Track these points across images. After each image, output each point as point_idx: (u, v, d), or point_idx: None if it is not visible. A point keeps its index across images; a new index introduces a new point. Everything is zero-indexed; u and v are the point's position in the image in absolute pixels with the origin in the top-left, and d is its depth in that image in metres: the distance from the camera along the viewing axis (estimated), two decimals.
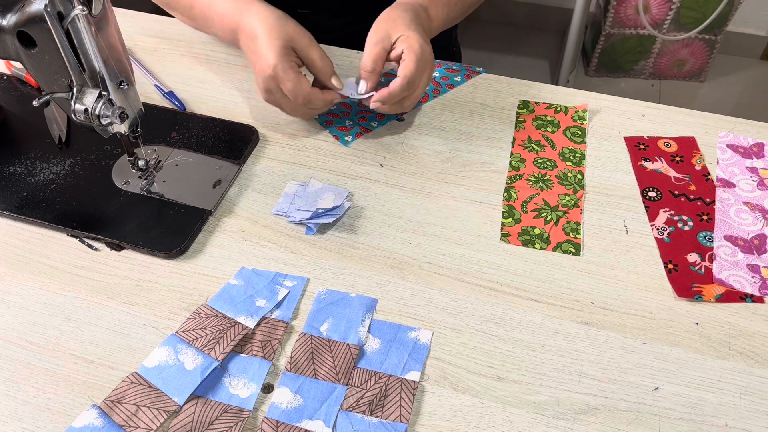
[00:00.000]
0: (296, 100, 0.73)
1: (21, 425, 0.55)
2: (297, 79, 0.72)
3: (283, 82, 0.71)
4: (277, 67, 0.71)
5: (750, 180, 0.73)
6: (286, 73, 0.71)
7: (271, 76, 0.71)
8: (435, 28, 0.81)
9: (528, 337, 0.60)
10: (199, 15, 0.81)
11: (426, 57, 0.73)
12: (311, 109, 0.76)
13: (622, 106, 0.82)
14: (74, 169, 0.73)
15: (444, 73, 0.86)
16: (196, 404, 0.55)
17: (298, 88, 0.72)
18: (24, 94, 0.83)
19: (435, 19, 0.80)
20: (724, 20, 1.94)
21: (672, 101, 2.05)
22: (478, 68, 0.87)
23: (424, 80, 0.74)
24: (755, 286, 0.64)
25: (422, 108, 0.82)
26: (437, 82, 0.85)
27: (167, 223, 0.68)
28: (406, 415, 0.55)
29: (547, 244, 0.67)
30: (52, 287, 0.64)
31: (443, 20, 0.82)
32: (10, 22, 0.57)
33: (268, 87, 0.72)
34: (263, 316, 0.61)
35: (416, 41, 0.72)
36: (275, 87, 0.72)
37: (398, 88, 0.72)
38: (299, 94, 0.72)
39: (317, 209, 0.68)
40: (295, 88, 0.72)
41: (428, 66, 0.74)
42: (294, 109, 0.75)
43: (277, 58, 0.71)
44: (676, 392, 0.57)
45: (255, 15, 0.74)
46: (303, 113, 0.77)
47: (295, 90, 0.72)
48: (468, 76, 0.86)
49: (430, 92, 0.83)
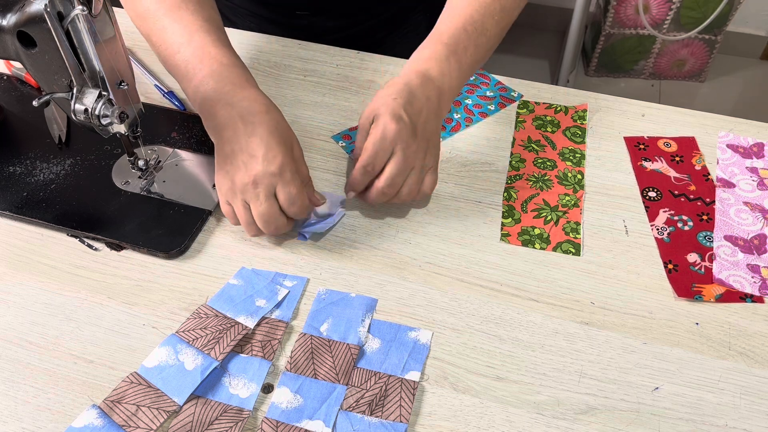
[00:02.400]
0: (291, 207, 0.63)
1: (21, 425, 0.55)
2: (300, 185, 0.63)
3: (288, 184, 0.62)
4: (285, 166, 0.62)
5: (750, 180, 0.73)
6: (293, 176, 0.62)
7: (273, 174, 0.61)
8: (455, 77, 0.69)
9: (528, 337, 0.60)
10: (169, 61, 0.70)
11: (389, 136, 0.63)
12: (280, 226, 0.65)
13: (622, 106, 0.82)
14: (74, 169, 0.73)
15: (477, 101, 0.82)
16: (196, 404, 0.55)
17: (300, 194, 0.63)
18: (24, 94, 0.83)
19: (453, 70, 0.69)
20: (724, 20, 1.94)
21: (672, 101, 2.05)
22: (513, 93, 0.83)
23: (397, 160, 0.64)
24: (755, 286, 0.64)
25: None
26: (470, 110, 0.81)
27: (167, 223, 0.68)
28: (406, 415, 0.55)
29: (547, 244, 0.67)
30: (52, 287, 0.64)
31: (471, 62, 0.70)
32: (10, 22, 0.57)
33: (260, 182, 0.61)
34: (263, 316, 0.61)
35: (381, 121, 0.63)
36: (268, 185, 0.62)
37: (356, 174, 0.65)
38: (296, 203, 0.63)
39: (312, 217, 0.67)
40: (298, 194, 0.63)
41: (397, 143, 0.64)
42: (271, 216, 0.63)
43: (286, 157, 0.62)
44: (676, 392, 0.57)
45: (251, 99, 0.64)
46: (276, 227, 0.64)
47: (296, 196, 0.63)
48: (502, 105, 0.82)
49: (462, 121, 0.80)
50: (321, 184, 0.73)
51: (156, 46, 0.71)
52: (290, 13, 0.95)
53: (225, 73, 0.66)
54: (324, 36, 0.95)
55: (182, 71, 0.68)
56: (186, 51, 0.68)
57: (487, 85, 0.84)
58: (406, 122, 0.64)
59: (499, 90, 0.83)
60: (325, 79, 0.85)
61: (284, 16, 0.96)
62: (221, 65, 0.67)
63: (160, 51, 0.71)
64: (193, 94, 0.67)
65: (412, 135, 0.65)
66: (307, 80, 0.85)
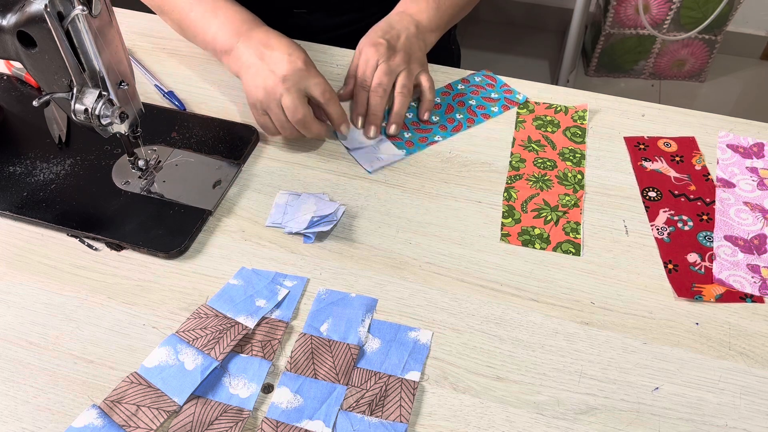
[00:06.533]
0: (324, 95, 0.71)
1: (21, 425, 0.55)
2: (326, 81, 0.72)
3: (316, 76, 0.71)
4: (309, 63, 0.71)
5: (750, 180, 0.73)
6: (317, 71, 0.71)
7: (301, 69, 0.70)
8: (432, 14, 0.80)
9: (528, 337, 0.60)
10: (188, 24, 0.79)
11: (371, 55, 0.74)
12: (311, 125, 0.72)
13: (622, 106, 0.82)
14: (74, 169, 0.74)
15: (481, 102, 0.81)
16: (196, 404, 0.55)
17: (329, 88, 0.72)
18: (24, 94, 0.83)
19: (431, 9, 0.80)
20: (724, 20, 1.94)
21: (672, 101, 2.05)
22: (519, 95, 0.82)
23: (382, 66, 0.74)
24: (755, 286, 0.64)
25: None
26: (473, 111, 0.80)
27: (167, 223, 0.68)
28: (406, 415, 0.55)
29: (547, 244, 0.67)
30: (52, 287, 0.64)
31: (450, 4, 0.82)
32: (10, 22, 0.57)
33: (290, 78, 0.69)
34: (263, 316, 0.61)
35: (363, 50, 0.75)
36: (298, 80, 0.70)
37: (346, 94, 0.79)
38: (328, 89, 0.71)
39: (313, 217, 0.68)
40: (326, 83, 0.71)
41: (379, 59, 0.74)
42: (305, 115, 0.71)
43: (307, 56, 0.71)
44: (676, 392, 0.57)
45: (263, 32, 0.74)
46: (317, 128, 0.73)
47: (326, 84, 0.71)
48: (506, 107, 0.81)
49: (465, 121, 0.79)
50: (321, 184, 0.73)
51: (168, 13, 0.80)
52: (287, 11, 0.95)
53: (239, 18, 0.76)
54: (321, 35, 0.95)
55: (198, 26, 0.77)
56: (198, 9, 0.77)
57: (492, 86, 0.84)
58: (384, 44, 0.75)
59: (505, 92, 0.83)
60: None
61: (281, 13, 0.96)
62: (234, 13, 0.76)
63: (173, 16, 0.80)
64: (212, 41, 0.76)
65: (391, 50, 0.75)
66: None
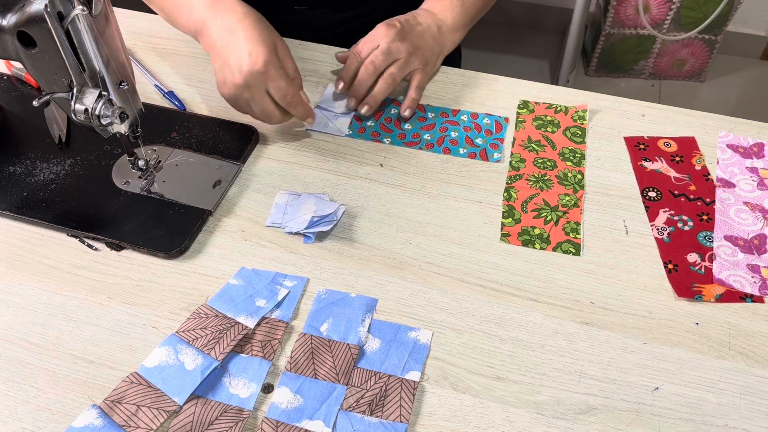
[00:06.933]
0: (284, 99, 0.71)
1: (21, 425, 0.55)
2: (288, 78, 0.70)
3: (275, 80, 0.69)
4: (269, 63, 0.68)
5: (750, 180, 0.73)
6: (278, 72, 0.69)
7: (259, 72, 0.68)
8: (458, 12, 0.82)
9: (528, 337, 0.60)
10: (169, 6, 0.79)
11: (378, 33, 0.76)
12: (285, 115, 0.74)
13: (622, 106, 0.82)
14: (74, 169, 0.74)
15: (462, 135, 0.78)
16: (196, 404, 0.55)
17: (290, 86, 0.70)
18: (24, 94, 0.83)
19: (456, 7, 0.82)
20: (724, 20, 1.94)
21: (672, 101, 2.05)
22: (496, 154, 0.75)
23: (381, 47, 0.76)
24: (755, 286, 0.64)
25: None
26: (453, 140, 0.77)
27: (167, 223, 0.68)
28: (406, 415, 0.55)
29: (547, 244, 0.67)
30: (52, 287, 0.64)
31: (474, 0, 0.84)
32: (10, 22, 0.57)
33: (250, 83, 0.69)
34: (263, 316, 0.61)
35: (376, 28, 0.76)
36: (258, 84, 0.69)
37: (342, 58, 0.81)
38: (288, 93, 0.70)
39: (313, 217, 0.67)
40: (288, 86, 0.70)
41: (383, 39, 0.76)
42: (270, 112, 0.72)
43: (270, 55, 0.69)
44: (676, 392, 0.57)
45: (231, 9, 0.71)
46: (278, 117, 0.73)
47: (286, 88, 0.70)
48: (483, 153, 0.76)
49: (435, 143, 0.77)
50: (321, 184, 0.73)
51: (156, 2, 0.81)
52: (288, 7, 0.95)
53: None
54: (321, 32, 0.95)
55: (180, 6, 0.76)
56: None
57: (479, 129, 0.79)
58: (397, 27, 0.75)
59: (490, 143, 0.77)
60: (326, 79, 0.85)
61: (281, 10, 0.96)
62: None
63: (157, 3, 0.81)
64: (188, 20, 0.76)
65: (399, 35, 0.75)
66: (308, 80, 0.85)
